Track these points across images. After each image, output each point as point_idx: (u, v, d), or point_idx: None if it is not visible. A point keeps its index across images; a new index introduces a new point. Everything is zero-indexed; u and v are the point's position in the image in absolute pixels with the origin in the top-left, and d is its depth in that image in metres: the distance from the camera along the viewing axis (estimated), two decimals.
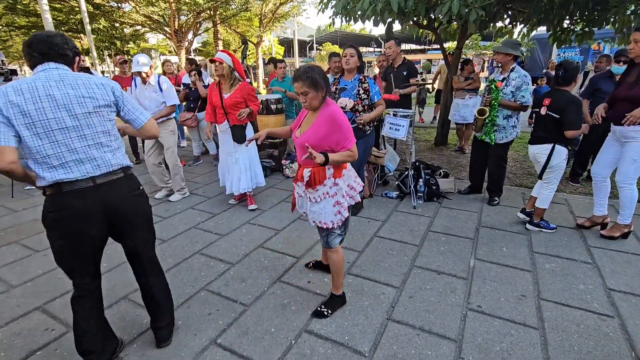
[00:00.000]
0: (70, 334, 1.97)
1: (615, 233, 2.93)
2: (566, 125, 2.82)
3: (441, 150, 6.07)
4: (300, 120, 2.06)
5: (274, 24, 19.42)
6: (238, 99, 3.38)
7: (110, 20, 15.16)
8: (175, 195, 4.09)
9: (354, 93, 3.15)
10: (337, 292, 2.17)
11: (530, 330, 1.97)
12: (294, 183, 2.10)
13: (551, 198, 3.05)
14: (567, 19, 4.81)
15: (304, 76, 1.78)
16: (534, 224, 3.15)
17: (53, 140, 1.46)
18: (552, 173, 3.00)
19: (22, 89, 1.41)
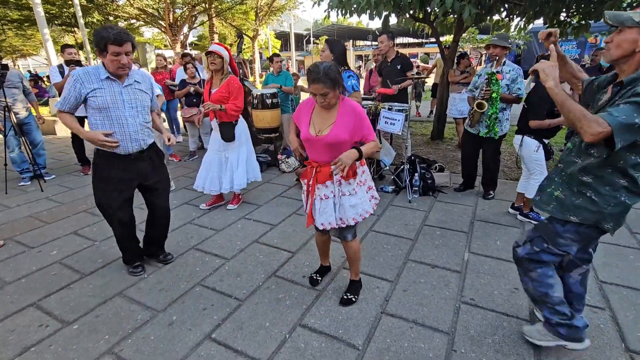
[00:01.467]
0: (65, 330, 1.98)
1: None
2: (530, 116, 2.87)
3: (437, 144, 6.07)
4: (308, 117, 1.93)
5: (270, 18, 19.23)
6: (224, 94, 3.21)
7: (104, 13, 14.95)
8: None
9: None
10: (358, 277, 2.26)
11: (522, 322, 1.99)
12: (314, 186, 1.95)
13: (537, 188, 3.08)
14: (563, 11, 4.80)
15: (325, 78, 1.72)
16: (523, 214, 3.21)
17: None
18: (531, 164, 3.04)
19: None
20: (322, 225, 1.99)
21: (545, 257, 1.65)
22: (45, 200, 4.03)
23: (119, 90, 2.12)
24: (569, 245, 1.59)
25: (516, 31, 6.18)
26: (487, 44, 3.55)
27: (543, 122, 2.82)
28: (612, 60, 1.41)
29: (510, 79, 3.33)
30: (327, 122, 1.88)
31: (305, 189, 2.05)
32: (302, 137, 1.95)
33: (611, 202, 1.45)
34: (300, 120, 1.98)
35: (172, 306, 2.18)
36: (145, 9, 14.41)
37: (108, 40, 1.94)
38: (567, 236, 1.57)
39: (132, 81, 2.18)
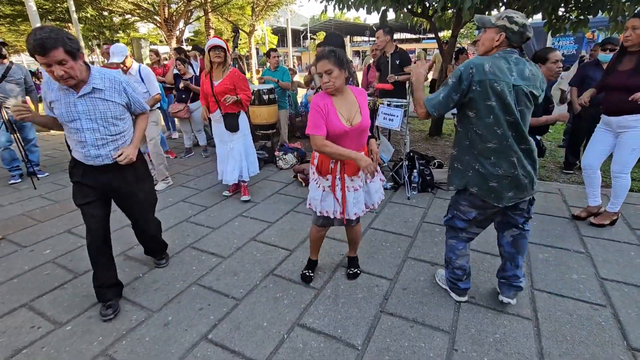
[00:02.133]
0: (58, 331, 1.94)
1: (605, 221, 2.95)
2: None
3: (435, 140, 6.04)
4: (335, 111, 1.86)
5: (267, 13, 19.07)
6: (228, 86, 3.29)
7: (98, 8, 14.75)
8: (160, 185, 4.08)
9: None
10: (355, 254, 2.45)
11: (523, 320, 1.97)
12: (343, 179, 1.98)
13: None
14: (562, 6, 4.75)
15: (329, 54, 1.77)
16: None
17: None
18: None
19: None
20: (355, 215, 2.06)
21: (458, 222, 1.95)
22: (39, 198, 3.96)
23: (73, 101, 1.83)
24: (469, 212, 1.88)
25: None
26: None
27: (539, 119, 2.78)
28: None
29: None
30: (354, 109, 1.91)
31: (331, 183, 2.00)
32: (336, 131, 1.85)
33: (469, 169, 1.79)
34: (328, 117, 1.84)
35: (168, 306, 2.13)
36: (140, 4, 14.23)
37: (31, 50, 1.61)
38: (462, 202, 1.89)
39: (89, 89, 1.84)
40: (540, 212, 3.27)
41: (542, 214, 3.23)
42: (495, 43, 1.68)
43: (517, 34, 1.63)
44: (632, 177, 4.09)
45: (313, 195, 2.09)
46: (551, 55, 2.73)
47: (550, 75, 2.77)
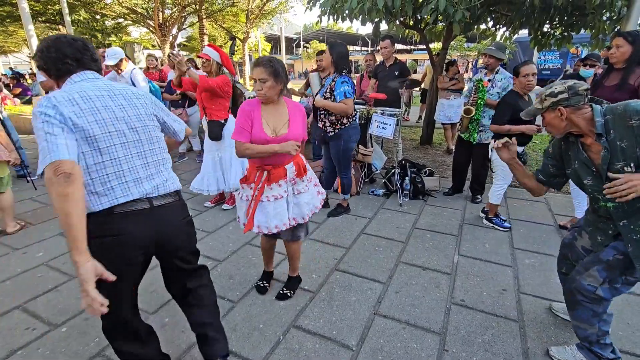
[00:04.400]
0: (54, 333, 1.94)
1: None
2: (493, 120, 3.02)
3: (426, 149, 6.18)
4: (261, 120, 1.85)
5: (261, 20, 19.23)
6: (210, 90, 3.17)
7: (90, 11, 14.67)
8: None
9: (322, 92, 3.15)
10: (295, 273, 2.35)
11: (510, 322, 2.05)
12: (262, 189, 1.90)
13: (500, 195, 3.15)
14: (547, 23, 4.97)
15: (267, 63, 1.77)
16: (487, 219, 3.29)
17: (114, 157, 1.28)
18: (497, 169, 3.14)
19: (74, 98, 1.21)
20: (277, 228, 1.92)
21: (624, 289, 1.61)
22: (30, 201, 3.92)
23: None
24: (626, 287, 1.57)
25: (502, 40, 6.37)
26: (483, 52, 3.65)
27: (502, 127, 2.92)
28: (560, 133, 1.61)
29: (502, 87, 3.44)
30: (282, 121, 1.90)
31: (252, 193, 1.93)
32: (258, 140, 1.83)
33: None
34: (253, 124, 1.84)
35: (164, 308, 2.15)
36: (134, 8, 14.22)
37: None
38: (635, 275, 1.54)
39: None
40: (527, 219, 3.39)
41: (529, 221, 3.35)
42: None
43: None
44: None
45: (239, 206, 2.04)
46: (522, 68, 2.89)
47: (522, 87, 2.92)
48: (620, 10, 4.25)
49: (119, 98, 1.33)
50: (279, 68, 1.79)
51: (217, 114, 3.31)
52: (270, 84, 1.78)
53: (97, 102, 1.26)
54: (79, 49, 1.31)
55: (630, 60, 2.62)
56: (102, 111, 1.26)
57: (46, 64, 1.29)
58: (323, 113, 3.16)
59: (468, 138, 3.64)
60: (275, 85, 1.80)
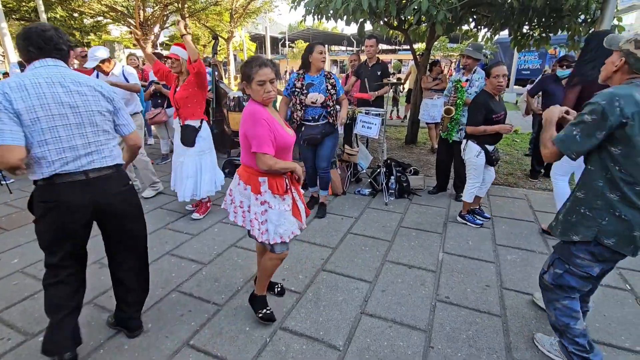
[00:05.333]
0: (30, 342, 1.87)
1: None
2: (467, 121, 3.06)
3: (411, 148, 6.26)
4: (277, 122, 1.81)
5: (245, 20, 19.06)
6: (188, 91, 3.03)
7: (68, 9, 14.21)
8: (148, 191, 3.96)
9: (323, 88, 3.19)
10: (260, 292, 2.06)
11: (494, 318, 2.09)
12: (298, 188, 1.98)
13: (472, 193, 3.21)
14: (526, 24, 5.11)
15: (271, 64, 1.72)
16: (460, 216, 3.36)
17: (56, 137, 1.49)
18: (469, 167, 3.18)
19: (25, 84, 1.42)
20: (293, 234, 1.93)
21: (570, 279, 1.60)
22: (4, 205, 3.77)
23: None
24: (589, 266, 1.54)
25: (483, 41, 6.51)
26: (461, 53, 3.73)
27: (477, 128, 2.98)
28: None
29: (479, 87, 3.51)
30: (282, 120, 1.89)
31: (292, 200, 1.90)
32: (288, 142, 1.80)
33: (604, 217, 1.47)
34: (277, 130, 1.75)
35: (147, 314, 2.10)
36: (114, 6, 13.85)
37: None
38: (582, 256, 1.54)
39: None
40: (509, 216, 3.47)
41: (510, 218, 3.44)
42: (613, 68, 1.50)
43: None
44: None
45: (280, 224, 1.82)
46: (493, 69, 2.92)
47: (493, 88, 2.96)
48: (595, 13, 4.40)
49: (70, 85, 1.52)
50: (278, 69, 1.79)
51: (192, 115, 3.12)
52: (275, 85, 1.76)
53: (45, 88, 1.46)
54: (43, 39, 1.49)
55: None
56: (47, 96, 1.46)
57: (19, 51, 1.52)
58: (332, 108, 3.24)
59: (446, 136, 3.71)
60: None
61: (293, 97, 3.26)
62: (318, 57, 3.17)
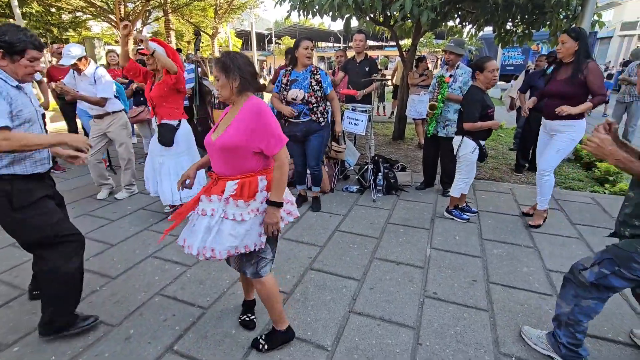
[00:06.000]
0: (4, 353, 1.78)
1: (539, 221, 3.16)
2: (464, 118, 3.05)
3: (399, 144, 6.27)
4: (218, 122, 1.69)
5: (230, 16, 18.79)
6: (163, 89, 2.92)
7: (44, 4, 13.71)
8: (122, 193, 3.85)
9: (306, 84, 3.13)
10: (279, 326, 1.80)
11: (481, 312, 2.10)
12: (199, 196, 1.64)
13: (461, 189, 3.22)
14: (510, 20, 5.16)
15: (217, 59, 1.56)
16: (447, 211, 3.37)
17: None
18: (461, 164, 3.18)
19: None
20: (182, 247, 1.61)
21: (615, 281, 1.51)
22: None
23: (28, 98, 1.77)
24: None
25: (468, 37, 6.56)
26: (443, 49, 3.73)
27: (475, 125, 2.99)
28: None
29: (463, 82, 3.53)
30: (226, 124, 1.58)
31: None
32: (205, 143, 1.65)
33: None
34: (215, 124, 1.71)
35: (129, 319, 2.03)
36: (93, 1, 13.43)
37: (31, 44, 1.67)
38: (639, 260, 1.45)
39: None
40: (494, 210, 3.51)
41: (496, 212, 3.47)
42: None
43: None
44: (572, 178, 4.52)
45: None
46: (488, 64, 2.95)
47: (488, 83, 2.99)
48: (576, 9, 4.47)
49: None
50: (228, 62, 1.51)
51: (170, 115, 3.03)
52: (222, 82, 1.53)
53: None
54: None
55: (578, 55, 2.76)
56: None
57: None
58: (315, 105, 3.17)
59: (427, 132, 3.74)
60: (226, 83, 1.52)
61: (281, 94, 3.21)
62: (303, 53, 3.10)
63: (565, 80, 2.85)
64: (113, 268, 2.54)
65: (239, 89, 1.54)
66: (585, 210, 3.51)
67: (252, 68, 1.57)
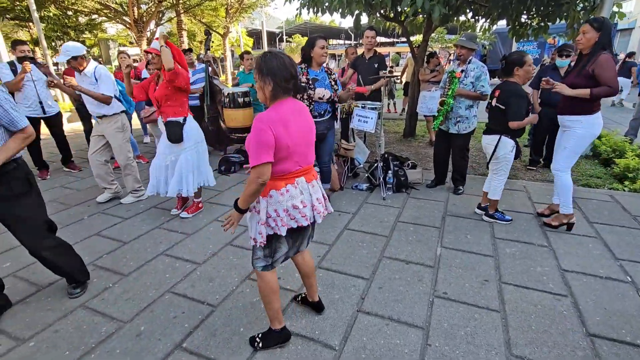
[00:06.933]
0: (21, 348, 1.84)
1: (554, 222, 3.02)
2: (510, 116, 2.88)
3: (409, 141, 6.19)
4: None
5: (241, 15, 18.86)
6: (167, 89, 2.99)
7: (61, 7, 14.05)
8: (128, 198, 3.79)
9: (327, 84, 3.16)
10: (273, 325, 1.82)
11: (492, 313, 2.06)
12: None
13: (501, 188, 3.12)
14: (524, 13, 5.02)
15: (255, 61, 1.55)
16: (489, 215, 3.22)
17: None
18: (499, 164, 3.06)
19: None
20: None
21: None
22: None
23: None
24: None
25: (481, 32, 6.41)
26: (455, 43, 3.65)
27: (523, 122, 2.88)
28: None
29: (475, 77, 3.44)
30: None
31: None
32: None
33: None
34: None
35: (140, 316, 2.07)
36: (107, 4, 13.69)
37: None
38: None
39: None
40: (508, 208, 3.42)
41: (509, 210, 3.39)
42: None
43: None
44: (589, 175, 4.37)
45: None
46: (527, 58, 2.87)
47: (527, 77, 2.91)
48: (595, 0, 4.31)
49: None
50: (262, 65, 1.50)
51: (175, 113, 3.09)
52: (258, 85, 1.55)
53: None
54: None
55: (594, 46, 2.64)
56: None
57: None
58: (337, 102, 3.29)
59: (433, 126, 3.70)
60: (261, 87, 1.54)
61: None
62: (319, 52, 3.10)
63: (576, 72, 2.75)
64: (126, 265, 2.59)
65: (273, 94, 1.53)
66: (604, 208, 3.39)
67: (288, 71, 1.51)
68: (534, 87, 4.25)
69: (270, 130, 1.46)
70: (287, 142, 1.50)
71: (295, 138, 1.54)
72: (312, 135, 1.68)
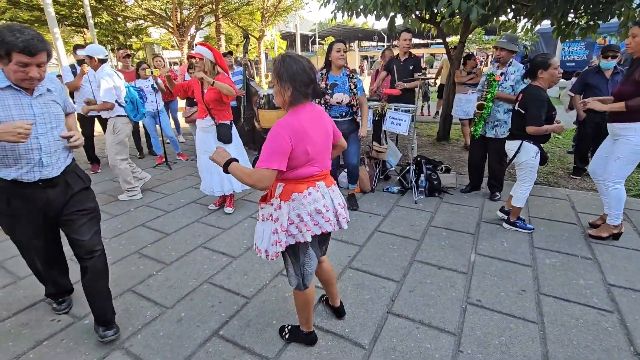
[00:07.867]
0: (77, 324, 2.02)
1: (602, 234, 2.84)
2: (526, 121, 2.76)
3: (443, 145, 6.06)
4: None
5: (276, 18, 19.29)
6: (218, 94, 3.13)
7: (112, 14, 15.12)
8: (123, 195, 3.95)
9: (346, 88, 3.17)
10: (304, 328, 1.85)
11: (529, 324, 1.99)
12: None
13: (525, 196, 2.97)
14: (571, 12, 4.75)
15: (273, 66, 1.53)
16: (510, 222, 3.08)
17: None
18: (523, 170, 2.93)
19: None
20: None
21: None
22: None
23: (28, 103, 1.65)
24: None
25: (523, 32, 6.14)
26: (494, 45, 3.55)
27: (541, 128, 2.76)
28: None
29: (515, 80, 3.33)
30: None
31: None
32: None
33: None
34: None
35: (181, 303, 2.21)
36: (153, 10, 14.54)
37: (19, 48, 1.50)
38: None
39: (44, 90, 1.72)
40: (548, 217, 3.27)
41: (550, 219, 3.24)
42: None
43: None
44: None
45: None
46: (552, 61, 2.73)
47: (552, 81, 2.77)
48: None
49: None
50: (282, 70, 1.46)
51: (224, 117, 3.30)
52: (276, 89, 1.52)
53: None
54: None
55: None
56: None
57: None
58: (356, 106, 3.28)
59: (474, 132, 3.57)
60: (279, 92, 1.50)
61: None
62: (336, 55, 3.16)
63: (625, 78, 2.58)
64: (168, 255, 2.76)
65: (292, 99, 1.50)
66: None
67: (307, 75, 1.48)
68: (576, 92, 4.03)
69: (289, 137, 1.44)
70: (306, 147, 1.49)
71: (315, 143, 1.53)
72: (330, 140, 1.67)
